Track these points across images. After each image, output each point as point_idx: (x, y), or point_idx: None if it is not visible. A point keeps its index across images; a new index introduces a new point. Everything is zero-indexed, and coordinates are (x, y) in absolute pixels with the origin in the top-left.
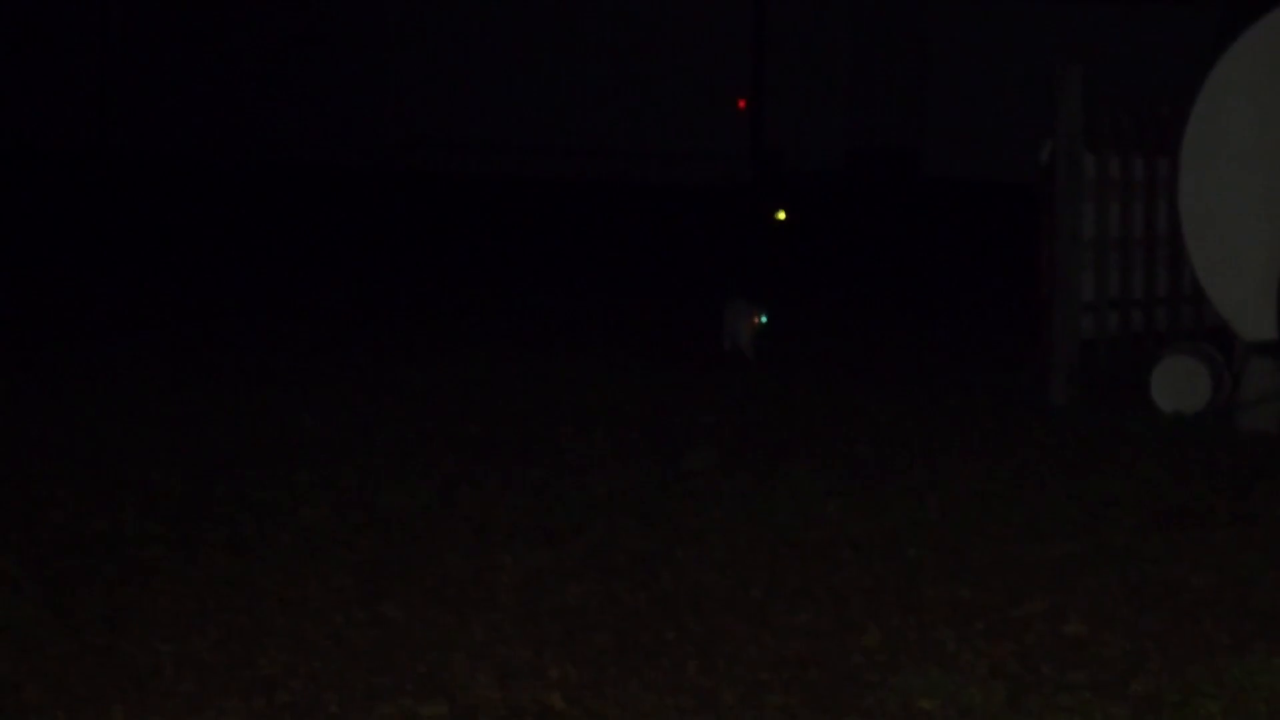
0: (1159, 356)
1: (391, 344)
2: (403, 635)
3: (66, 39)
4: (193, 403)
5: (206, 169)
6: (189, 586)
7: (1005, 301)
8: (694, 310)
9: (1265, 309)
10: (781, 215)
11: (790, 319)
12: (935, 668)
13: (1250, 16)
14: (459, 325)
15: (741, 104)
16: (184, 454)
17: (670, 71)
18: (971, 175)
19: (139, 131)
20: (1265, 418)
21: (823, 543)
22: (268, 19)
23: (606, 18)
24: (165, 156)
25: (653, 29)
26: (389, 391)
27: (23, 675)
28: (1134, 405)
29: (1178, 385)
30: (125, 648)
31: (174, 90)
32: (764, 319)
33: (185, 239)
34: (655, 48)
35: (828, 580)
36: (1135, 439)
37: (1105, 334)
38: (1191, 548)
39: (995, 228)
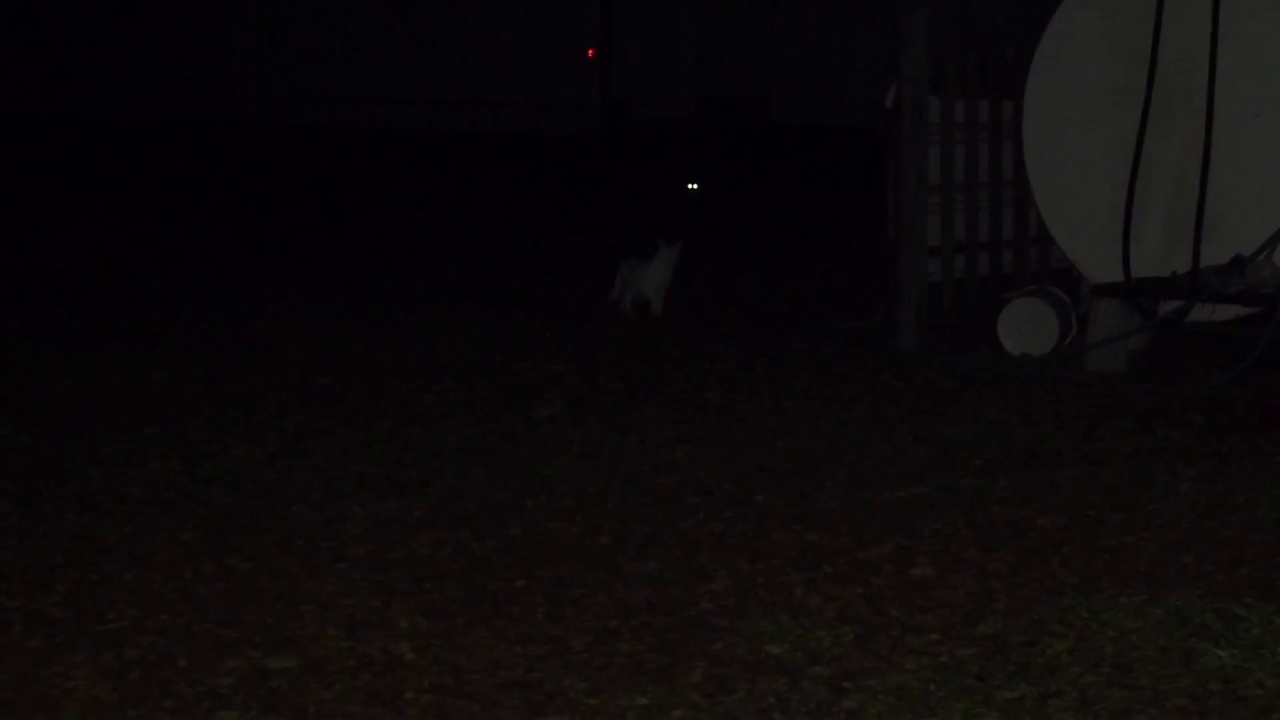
0: (1005, 299)
1: (240, 297)
2: (251, 588)
3: None
4: (39, 357)
5: (51, 127)
6: (36, 542)
7: (855, 247)
8: (545, 259)
9: (1111, 250)
10: (694, 187)
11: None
12: (783, 613)
13: None
14: (307, 277)
15: (590, 53)
16: (31, 409)
17: (520, 21)
18: (821, 121)
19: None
20: (1112, 358)
21: (671, 489)
22: None
23: None
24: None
25: None
26: (237, 344)
27: None
28: (982, 348)
29: (1024, 328)
30: None
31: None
32: (668, 273)
33: (24, 196)
34: None
35: (676, 527)
36: (983, 382)
37: (952, 277)
38: (1039, 489)
39: (845, 174)
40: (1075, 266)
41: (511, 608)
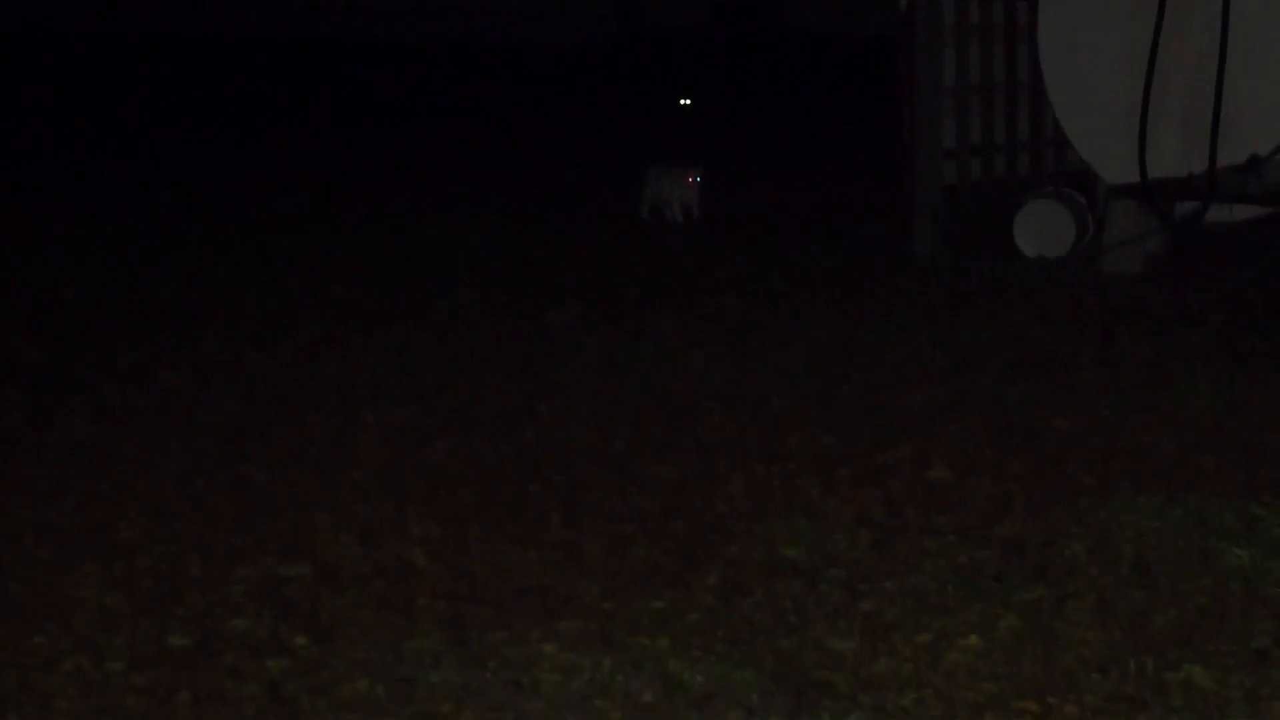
0: (1021, 201)
1: (252, 208)
2: (264, 497)
3: None
4: (51, 270)
5: (58, 40)
6: (48, 454)
7: (871, 153)
8: (560, 169)
9: (1127, 151)
10: (686, 102)
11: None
12: (800, 516)
13: None
14: (319, 189)
15: None
16: (44, 321)
17: None
18: (837, 26)
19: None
20: (1128, 260)
21: (687, 394)
22: None
23: None
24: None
25: None
26: (252, 256)
27: None
28: (998, 251)
29: (1041, 230)
30: None
31: None
32: (699, 179)
33: (35, 110)
34: None
35: (691, 432)
36: (999, 284)
37: (968, 180)
38: (1056, 392)
39: (861, 80)
40: (1091, 168)
41: (526, 514)
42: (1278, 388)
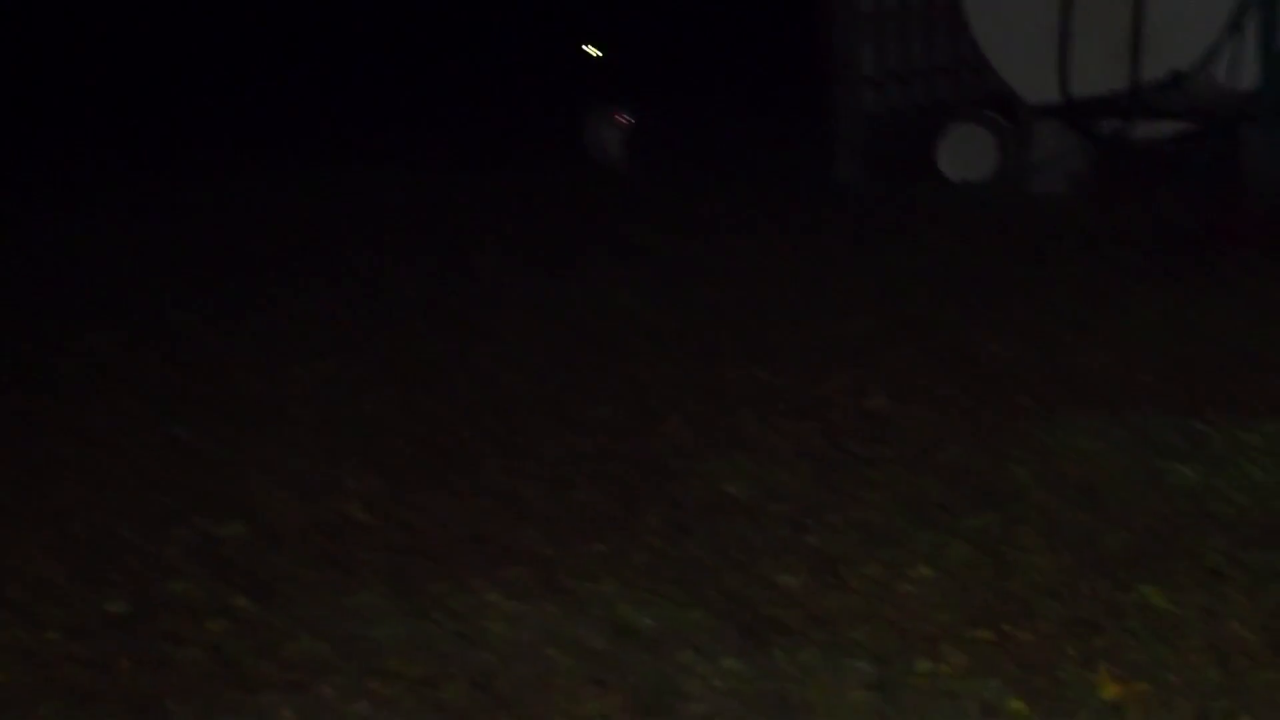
0: (943, 126)
1: (165, 161)
2: (195, 456)
3: None
4: None
5: None
6: None
7: (787, 81)
8: (476, 111)
9: (1047, 71)
10: (593, 50)
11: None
12: (739, 452)
13: None
14: (232, 138)
15: None
16: None
17: None
18: None
19: None
20: (1053, 180)
21: (618, 334)
22: None
23: None
24: None
25: None
26: (166, 210)
27: None
28: (921, 176)
29: (964, 153)
30: None
31: None
32: (630, 119)
33: None
34: None
35: (625, 371)
36: (926, 211)
37: (888, 107)
38: (990, 315)
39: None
40: (1012, 89)
41: (462, 462)
42: (1212, 303)
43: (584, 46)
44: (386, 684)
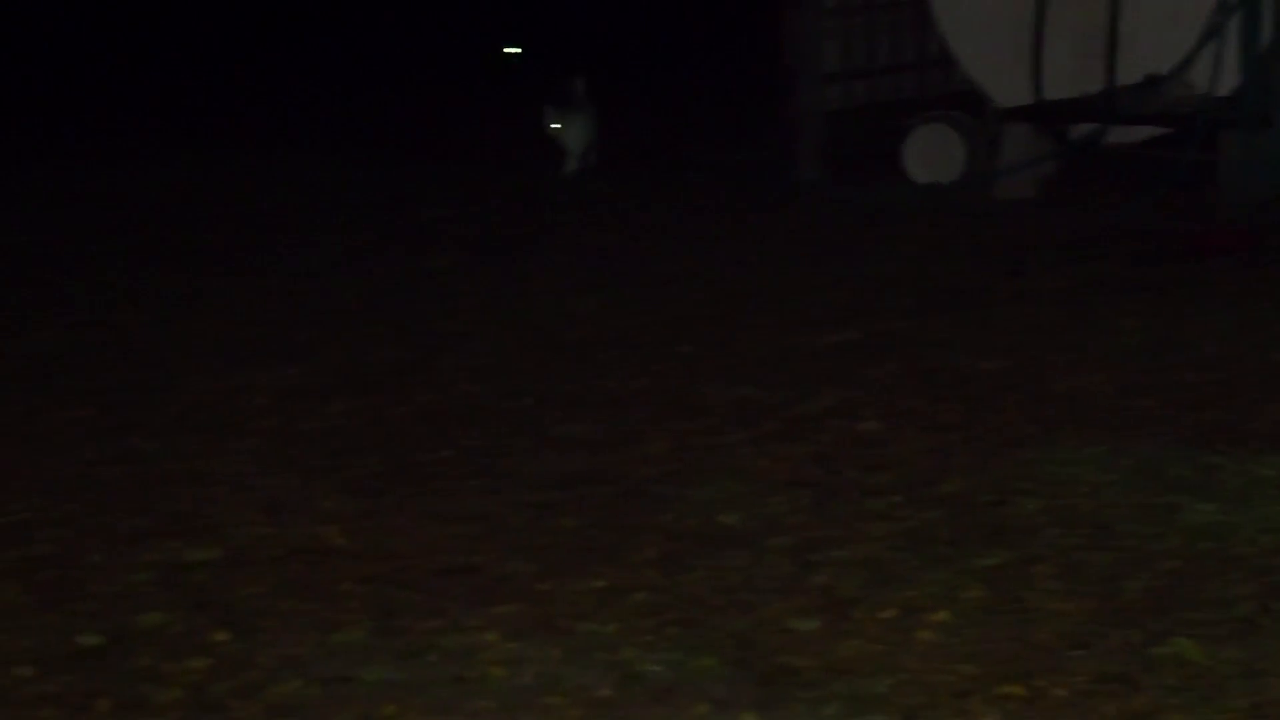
0: (910, 126)
1: (92, 147)
2: (158, 470)
3: None
4: None
5: None
6: None
7: (740, 77)
8: (411, 99)
9: (1017, 72)
10: (512, 51)
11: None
12: (731, 478)
13: None
14: (164, 122)
15: None
16: None
17: None
18: None
19: None
20: (1023, 184)
21: (588, 343)
22: None
23: None
24: None
25: None
26: (100, 201)
27: None
28: (886, 177)
29: (931, 155)
30: None
31: None
32: (555, 124)
33: None
34: None
35: (600, 384)
36: (893, 214)
37: (852, 105)
38: (974, 330)
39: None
40: (982, 90)
41: (439, 482)
42: (1206, 321)
43: (507, 49)
44: None
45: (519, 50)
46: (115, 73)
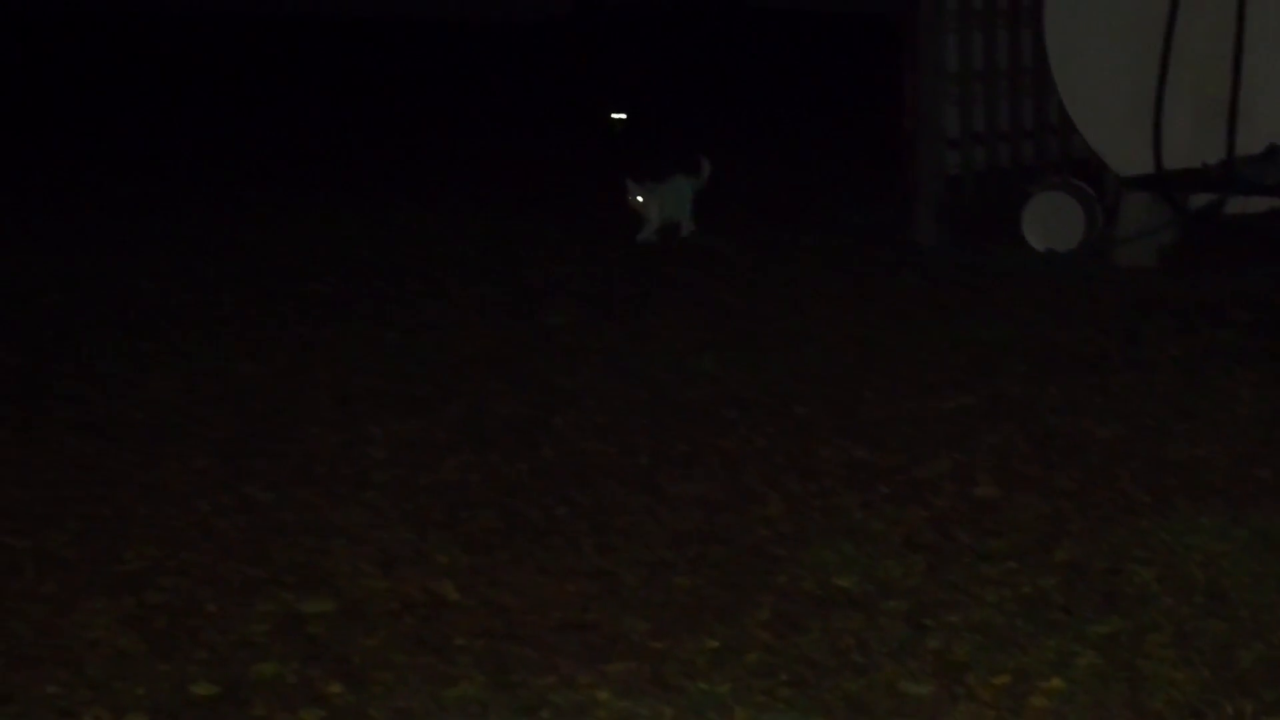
0: (1029, 193)
1: (224, 200)
2: (274, 521)
3: None
4: (21, 267)
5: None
6: (40, 474)
7: (849, 138)
8: (530, 152)
9: (1137, 140)
10: (618, 117)
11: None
12: (845, 540)
13: None
14: (291, 176)
15: None
16: (17, 325)
17: None
18: (795, 5)
19: None
20: (1142, 253)
21: (705, 402)
22: None
23: None
24: None
25: None
26: (228, 252)
27: None
28: (1003, 242)
29: (1049, 222)
30: None
31: None
32: (637, 197)
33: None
34: None
35: (716, 443)
36: (1010, 279)
37: (971, 169)
38: (1091, 396)
39: (828, 60)
40: (1102, 158)
41: (555, 538)
42: None
43: (614, 115)
44: None
45: (624, 116)
46: (232, 123)
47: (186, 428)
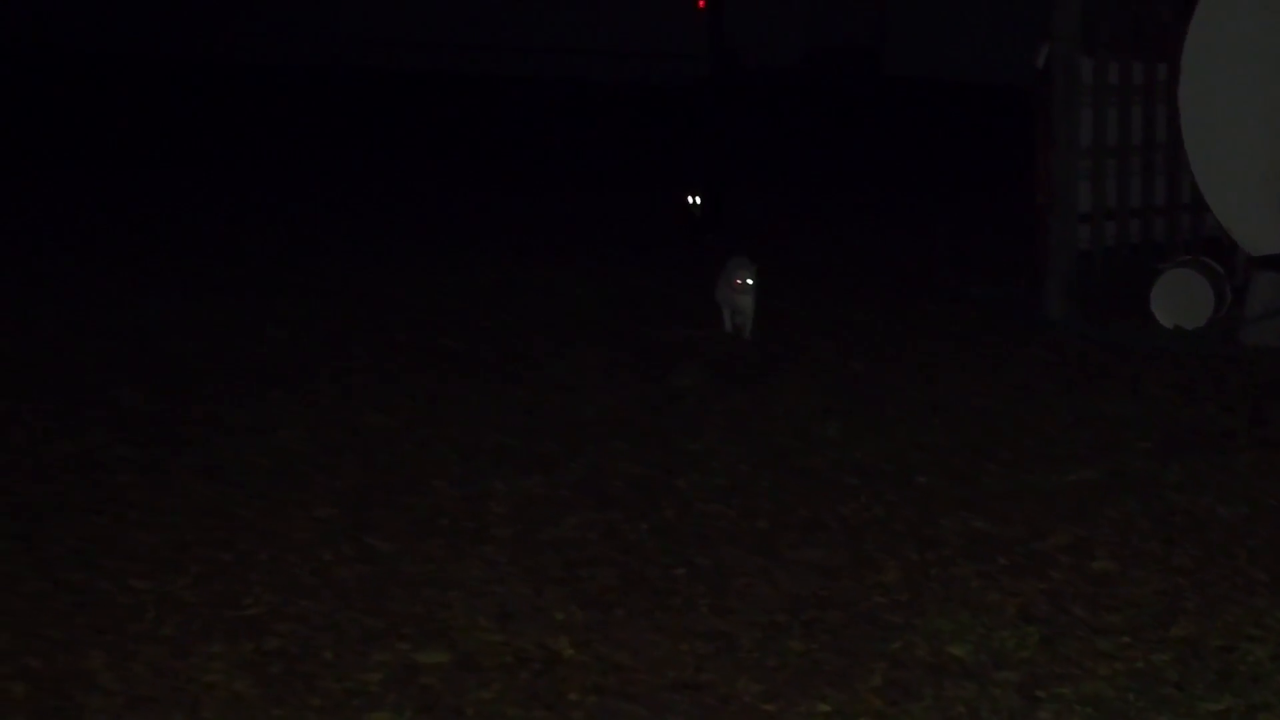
0: (1159, 271)
1: (357, 252)
2: (394, 571)
3: None
4: (152, 315)
5: (148, 69)
6: (164, 517)
7: (977, 209)
8: (662, 213)
9: (1269, 219)
10: (695, 200)
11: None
12: (961, 609)
13: None
14: (426, 231)
15: (701, 3)
16: (149, 370)
17: None
18: (933, 74)
19: (83, 30)
20: (1271, 333)
21: (827, 469)
22: None
23: None
24: (116, 55)
25: None
26: (358, 303)
27: None
28: (1132, 319)
29: (1179, 300)
30: (101, 586)
31: None
32: (750, 280)
33: (128, 141)
34: None
35: (836, 510)
36: (1137, 355)
37: (1102, 245)
38: (1214, 475)
39: (959, 130)
40: (1229, 235)
41: (672, 598)
42: None
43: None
44: None
45: (698, 200)
46: (364, 178)
47: (311, 476)
